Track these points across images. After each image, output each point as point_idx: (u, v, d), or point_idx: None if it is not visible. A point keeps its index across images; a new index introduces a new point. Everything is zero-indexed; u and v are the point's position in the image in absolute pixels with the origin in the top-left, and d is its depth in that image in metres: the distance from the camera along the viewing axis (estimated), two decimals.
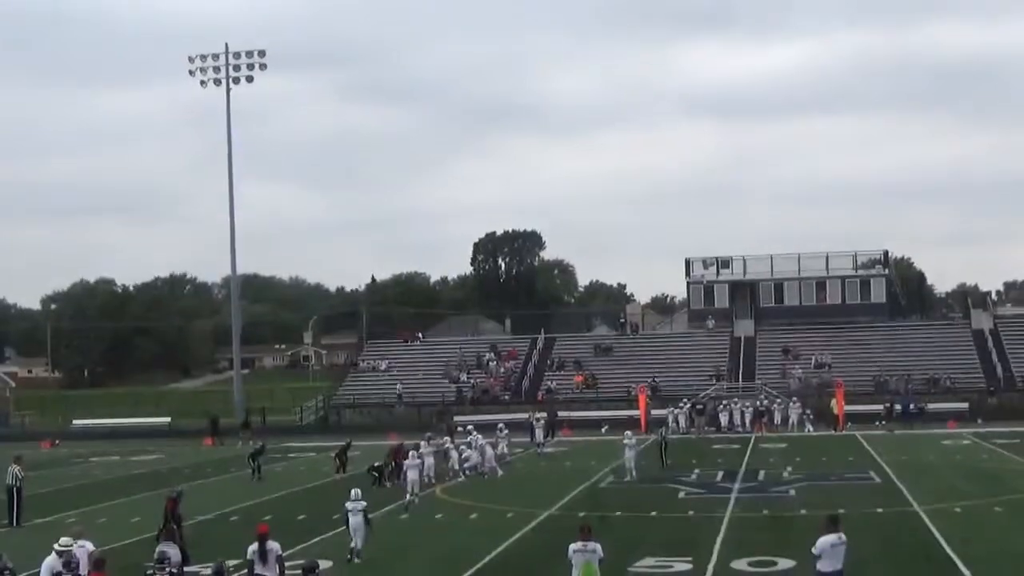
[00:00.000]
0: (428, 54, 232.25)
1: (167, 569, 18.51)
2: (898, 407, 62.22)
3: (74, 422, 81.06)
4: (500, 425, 47.60)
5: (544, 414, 61.40)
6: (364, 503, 25.47)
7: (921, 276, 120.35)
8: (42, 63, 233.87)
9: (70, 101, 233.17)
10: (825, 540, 17.68)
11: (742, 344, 76.06)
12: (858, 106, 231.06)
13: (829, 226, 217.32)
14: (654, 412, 60.67)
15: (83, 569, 18.89)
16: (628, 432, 42.16)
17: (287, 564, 19.35)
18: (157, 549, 19.76)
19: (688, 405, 62.72)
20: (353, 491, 26.18)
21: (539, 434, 52.21)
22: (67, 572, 18.03)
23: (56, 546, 18.09)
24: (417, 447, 37.49)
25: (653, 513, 30.96)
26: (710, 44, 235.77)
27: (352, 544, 24.75)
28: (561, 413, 65.15)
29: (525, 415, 62.00)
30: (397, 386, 74.91)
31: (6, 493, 32.51)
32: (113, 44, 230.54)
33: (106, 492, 39.19)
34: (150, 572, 18.85)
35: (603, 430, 60.53)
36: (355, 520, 24.99)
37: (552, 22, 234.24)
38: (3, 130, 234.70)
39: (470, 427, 46.32)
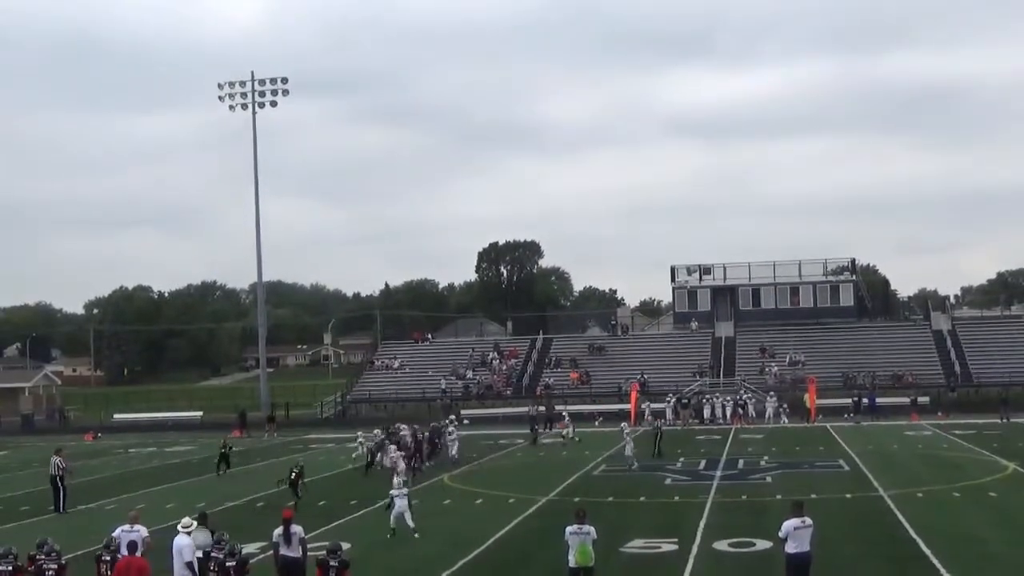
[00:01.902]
0: (434, 80, 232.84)
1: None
2: (865, 401, 62.13)
3: (114, 416, 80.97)
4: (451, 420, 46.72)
5: (542, 408, 61.50)
6: (406, 489, 26.23)
7: (885, 282, 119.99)
8: (88, 88, 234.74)
9: (113, 123, 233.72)
10: (789, 523, 17.67)
11: (723, 344, 76.08)
12: (827, 127, 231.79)
13: (801, 237, 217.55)
14: (653, 406, 60.56)
15: (138, 552, 18.89)
16: (624, 424, 42.20)
17: (309, 546, 19.37)
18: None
19: (674, 399, 62.70)
20: (396, 479, 27.14)
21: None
22: (107, 554, 18.00)
23: (180, 527, 18.12)
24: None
25: (642, 498, 30.96)
26: (694, 70, 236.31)
27: (398, 524, 25.34)
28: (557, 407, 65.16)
29: (525, 408, 62.13)
30: (442, 381, 74.92)
31: (50, 483, 32.46)
32: (151, 72, 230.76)
33: (144, 480, 39.17)
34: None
35: (596, 423, 60.64)
36: (401, 503, 25.62)
37: (548, 49, 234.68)
38: (51, 150, 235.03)
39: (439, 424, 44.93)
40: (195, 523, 18.40)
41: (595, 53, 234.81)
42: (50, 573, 17.07)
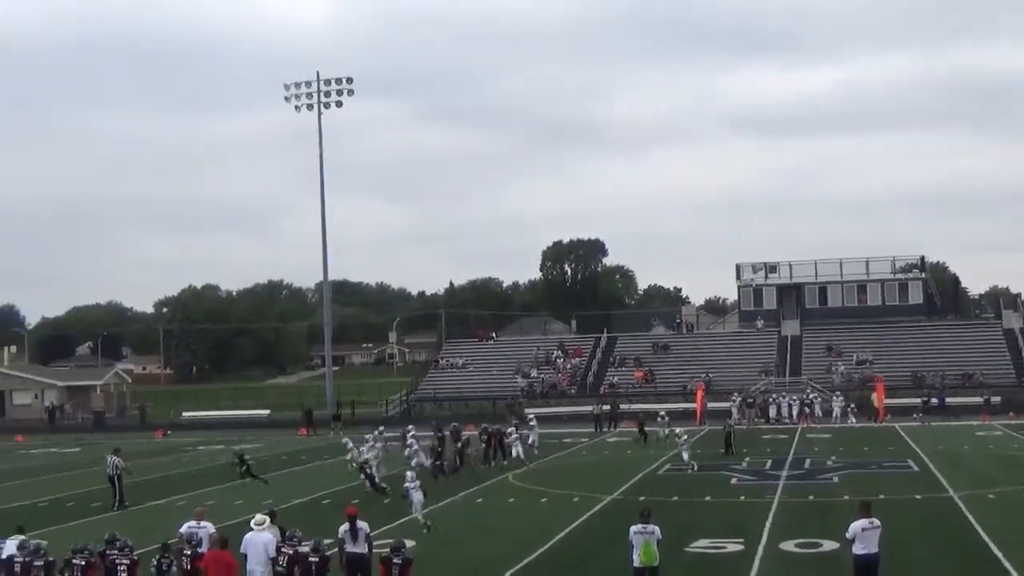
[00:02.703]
0: (500, 79, 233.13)
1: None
2: (934, 400, 61.35)
3: (183, 414, 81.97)
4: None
5: (607, 407, 61.39)
6: (419, 482, 27.49)
7: (956, 279, 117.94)
8: (159, 91, 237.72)
9: (183, 125, 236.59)
10: (857, 524, 17.49)
11: (788, 343, 75.50)
12: (896, 123, 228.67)
13: (869, 235, 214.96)
14: (714, 405, 60.29)
15: (204, 548, 19.12)
16: (678, 430, 41.72)
17: (375, 543, 19.49)
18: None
19: (739, 399, 62.31)
20: (409, 473, 27.95)
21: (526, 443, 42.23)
22: (188, 548, 18.23)
23: (252, 524, 18.30)
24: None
25: (707, 498, 30.80)
26: (762, 67, 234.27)
27: (420, 518, 25.96)
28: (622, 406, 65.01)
29: (589, 407, 62.11)
30: (520, 380, 75.04)
31: (108, 482, 32.73)
32: (220, 74, 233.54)
33: (212, 477, 39.56)
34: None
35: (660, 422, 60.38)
36: (417, 496, 26.68)
37: (614, 47, 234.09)
38: (123, 152, 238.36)
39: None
40: (268, 520, 18.56)
41: (661, 51, 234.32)
42: (123, 568, 17.33)
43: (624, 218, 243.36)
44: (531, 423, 44.91)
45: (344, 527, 18.98)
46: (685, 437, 39.68)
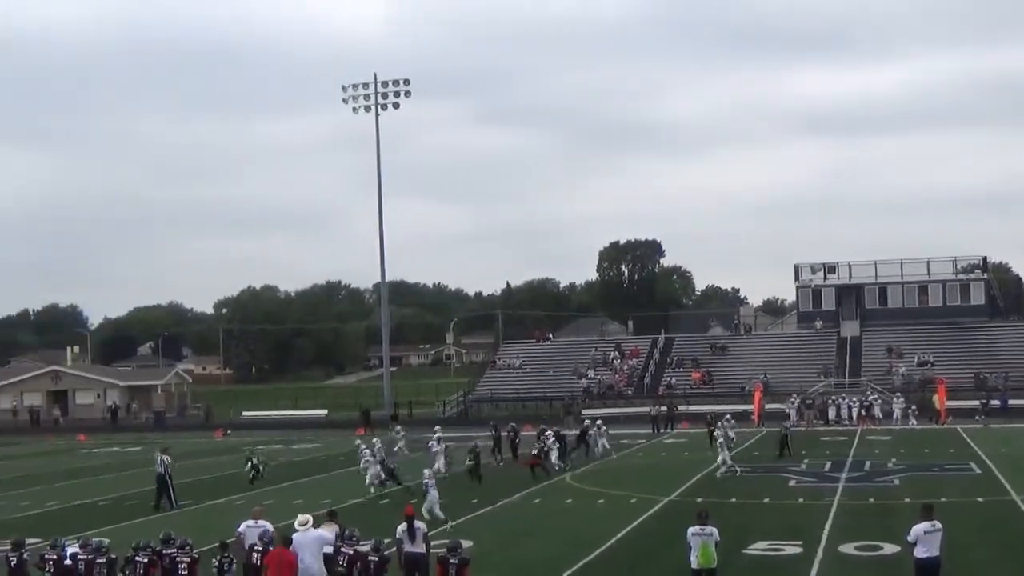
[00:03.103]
0: (556, 79, 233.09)
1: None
2: (995, 402, 60.52)
3: (243, 414, 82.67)
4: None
5: (664, 408, 61.16)
6: (434, 480, 27.68)
7: (1018, 280, 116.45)
8: (217, 94, 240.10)
9: (241, 127, 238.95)
10: (919, 527, 17.29)
11: (848, 344, 74.83)
12: (955, 122, 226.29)
13: (929, 235, 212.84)
14: (773, 406, 59.80)
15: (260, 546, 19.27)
16: (718, 432, 40.44)
17: (432, 543, 19.55)
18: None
19: (798, 400, 61.83)
20: (426, 471, 28.39)
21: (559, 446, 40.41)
22: (259, 544, 18.40)
23: (296, 524, 18.44)
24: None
25: (765, 500, 30.60)
26: (819, 67, 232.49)
27: (428, 516, 25.86)
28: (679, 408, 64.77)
29: (646, 408, 61.92)
30: (583, 381, 75.09)
31: (157, 481, 32.76)
32: (279, 76, 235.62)
33: (271, 477, 39.84)
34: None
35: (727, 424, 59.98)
36: (433, 493, 26.92)
37: (672, 47, 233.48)
38: (183, 154, 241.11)
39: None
40: (311, 520, 18.63)
41: (719, 50, 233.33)
42: (183, 566, 17.53)
43: (681, 218, 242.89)
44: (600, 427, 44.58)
45: (402, 527, 19.05)
46: (722, 440, 38.24)
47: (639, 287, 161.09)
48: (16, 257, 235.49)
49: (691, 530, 17.96)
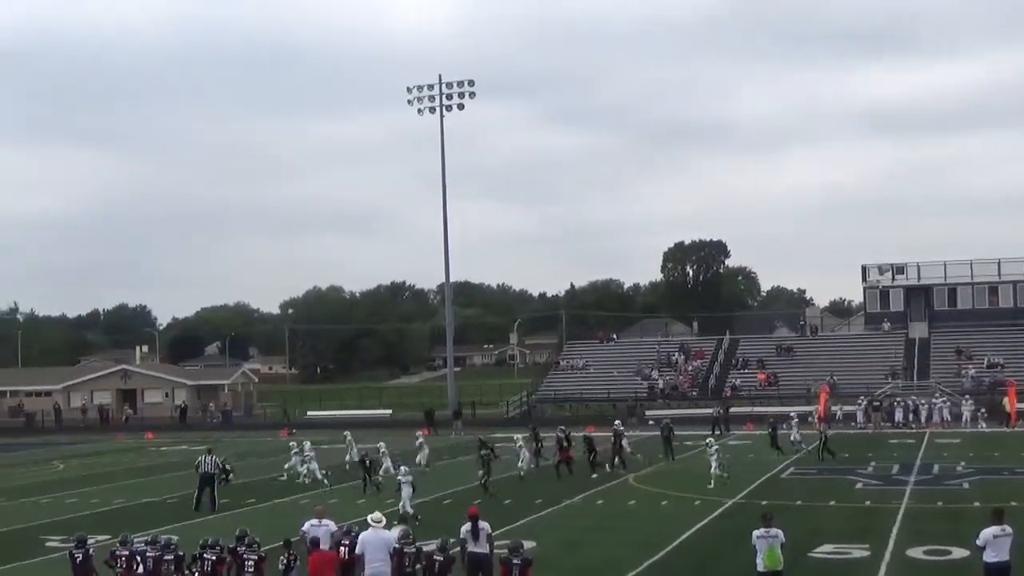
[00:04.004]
0: (621, 80, 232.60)
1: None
2: None
3: (308, 413, 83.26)
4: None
5: (721, 409, 60.77)
6: (411, 476, 28.76)
7: None
8: (282, 95, 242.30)
9: (307, 128, 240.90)
10: (988, 532, 17.04)
11: (916, 345, 73.89)
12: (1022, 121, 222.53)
13: (1000, 235, 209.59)
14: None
15: (324, 545, 19.44)
16: (709, 439, 39.02)
17: (496, 543, 19.59)
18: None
19: (865, 402, 61.18)
20: (402, 467, 29.40)
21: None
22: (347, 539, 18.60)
23: (370, 520, 18.56)
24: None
25: (831, 502, 30.33)
26: (886, 65, 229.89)
27: (402, 508, 27.57)
28: (742, 409, 64.41)
29: (710, 410, 61.55)
30: (646, 382, 74.94)
31: (203, 481, 32.67)
32: (343, 77, 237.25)
33: (335, 477, 40.09)
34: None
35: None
36: (407, 490, 28.07)
37: (737, 46, 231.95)
38: (249, 156, 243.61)
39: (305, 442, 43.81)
40: (384, 518, 18.77)
41: (784, 49, 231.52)
42: (250, 564, 17.72)
43: (746, 219, 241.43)
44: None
45: (466, 527, 19.09)
46: (716, 447, 36.83)
47: (704, 288, 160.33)
48: (87, 258, 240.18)
49: (756, 532, 17.85)
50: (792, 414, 48.94)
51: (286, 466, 40.34)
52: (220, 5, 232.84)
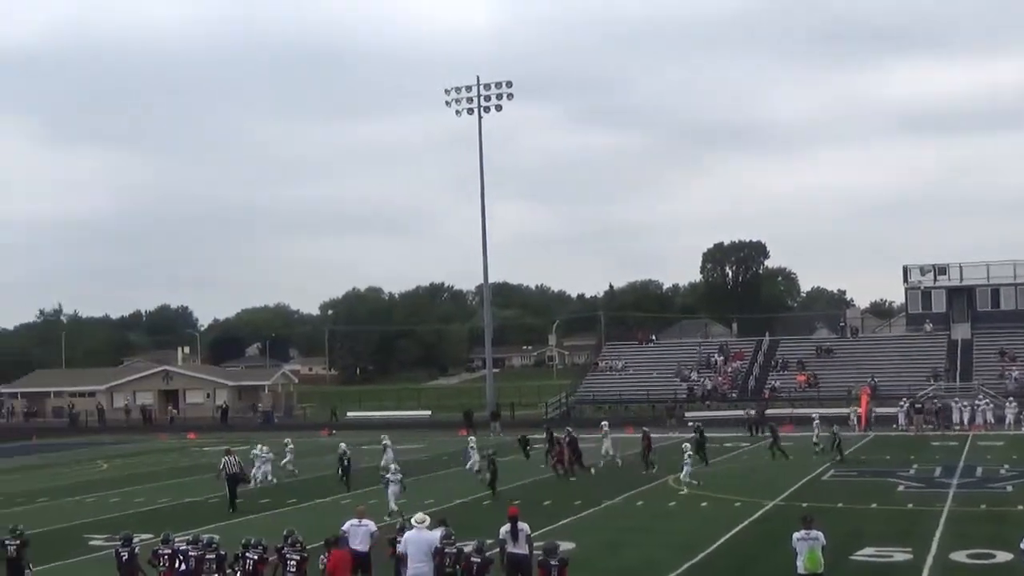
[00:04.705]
0: (654, 80, 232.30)
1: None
2: None
3: (347, 414, 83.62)
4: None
5: (753, 411, 60.43)
6: (401, 475, 29.99)
7: None
8: (322, 97, 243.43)
9: (347, 130, 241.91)
10: None
11: (959, 347, 73.21)
12: None
13: None
14: (881, 410, 58.78)
15: (364, 546, 19.50)
16: (685, 444, 37.94)
17: (535, 544, 19.57)
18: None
19: (907, 404, 60.70)
20: (392, 466, 30.29)
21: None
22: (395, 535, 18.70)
23: (413, 521, 18.58)
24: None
25: (873, 505, 30.10)
26: (925, 63, 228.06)
27: (394, 507, 28.50)
28: (782, 411, 64.07)
29: (742, 412, 61.35)
30: (690, 383, 74.83)
31: (228, 482, 33.02)
32: (383, 79, 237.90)
33: (375, 477, 40.23)
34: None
35: (836, 427, 59.18)
36: (395, 488, 29.25)
37: (773, 45, 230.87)
38: (289, 157, 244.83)
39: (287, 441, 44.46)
40: (428, 519, 18.79)
41: (821, 47, 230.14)
42: (292, 564, 17.80)
43: (786, 219, 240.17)
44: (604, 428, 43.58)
45: (505, 528, 19.08)
46: (690, 452, 36.16)
47: (743, 289, 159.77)
48: (129, 259, 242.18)
49: (796, 535, 17.77)
50: (814, 416, 48.59)
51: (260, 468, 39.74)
52: (257, 7, 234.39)
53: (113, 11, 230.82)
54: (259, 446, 41.11)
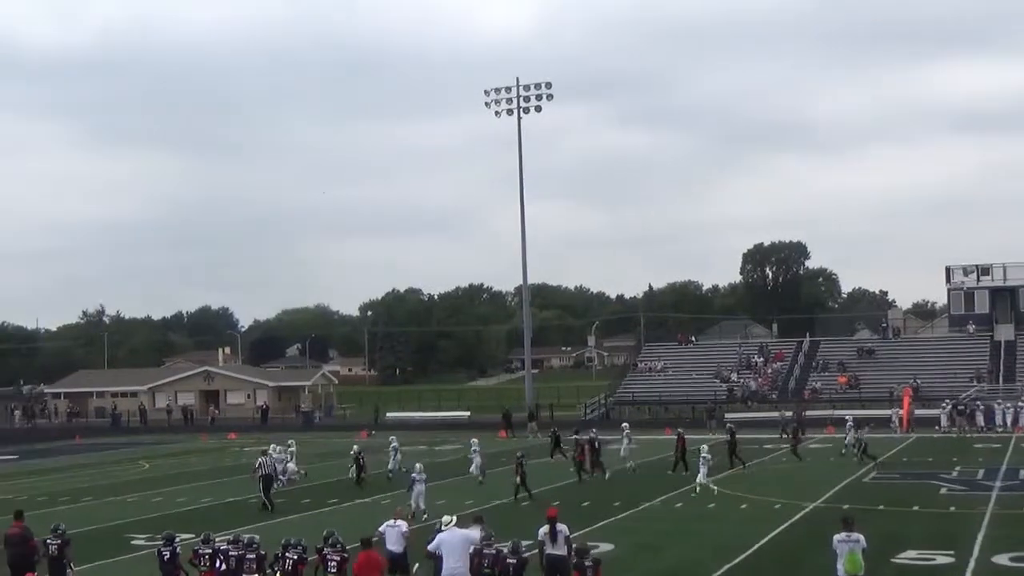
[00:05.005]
0: (698, 80, 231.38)
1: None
2: None
3: (387, 415, 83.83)
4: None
5: (789, 413, 60.07)
6: (425, 475, 30.03)
7: None
8: (363, 99, 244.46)
9: (385, 132, 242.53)
10: None
11: (1002, 348, 72.50)
12: None
13: None
14: (923, 412, 58.39)
15: (398, 546, 19.56)
16: (703, 446, 36.94)
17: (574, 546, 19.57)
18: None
19: (949, 406, 60.21)
20: (417, 464, 30.04)
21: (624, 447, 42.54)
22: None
23: (441, 523, 18.67)
24: None
25: (915, 507, 29.88)
26: (970, 62, 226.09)
27: (414, 506, 28.65)
28: (818, 413, 63.73)
29: (788, 412, 60.97)
30: (730, 384, 74.68)
31: (262, 482, 33.13)
32: (422, 81, 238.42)
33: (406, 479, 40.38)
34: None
35: (866, 428, 58.75)
36: (419, 488, 29.37)
37: (816, 45, 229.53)
38: (328, 159, 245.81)
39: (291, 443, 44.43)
40: (455, 520, 18.79)
41: (864, 47, 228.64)
42: (333, 564, 17.89)
43: (827, 220, 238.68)
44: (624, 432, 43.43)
45: (544, 529, 19.08)
46: (706, 455, 35.35)
47: (784, 289, 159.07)
48: (170, 260, 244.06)
49: (837, 537, 17.68)
50: (848, 418, 48.15)
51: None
52: (300, 10, 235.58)
53: (160, 16, 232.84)
54: (272, 446, 41.20)
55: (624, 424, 44.12)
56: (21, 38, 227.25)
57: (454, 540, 17.99)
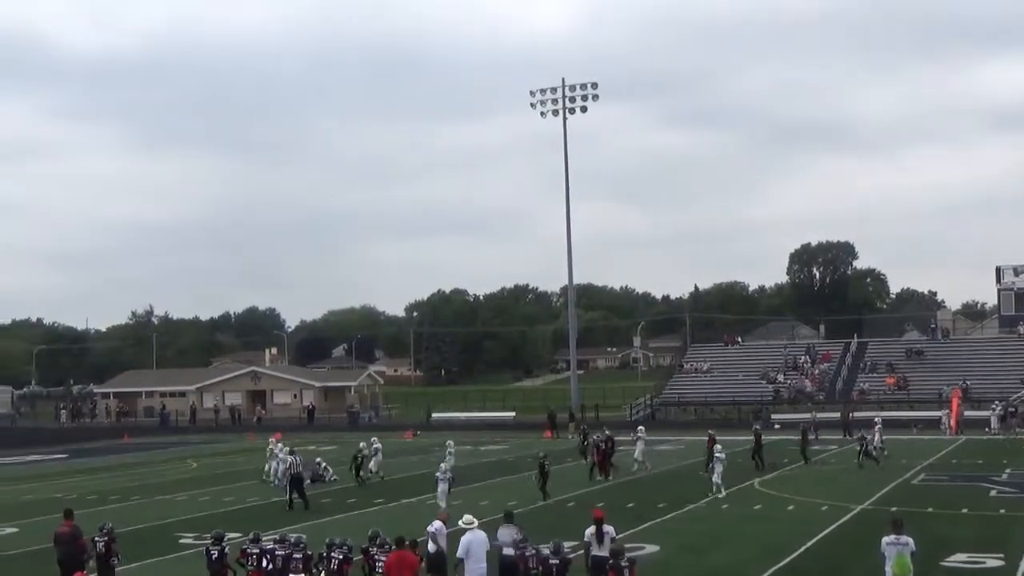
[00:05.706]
0: (744, 80, 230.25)
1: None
2: None
3: (433, 415, 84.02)
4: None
5: (809, 416, 59.63)
6: (451, 474, 30.76)
7: None
8: (407, 100, 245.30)
9: (432, 133, 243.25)
10: None
11: None
12: None
13: None
14: (972, 414, 57.77)
15: (443, 544, 19.62)
16: (717, 447, 35.79)
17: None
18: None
19: (999, 407, 59.58)
20: (442, 465, 30.66)
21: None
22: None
23: (462, 523, 18.71)
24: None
25: (964, 510, 29.59)
26: (1016, 59, 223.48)
27: (443, 504, 28.56)
28: (868, 413, 63.09)
29: (835, 413, 60.61)
30: (776, 385, 74.19)
31: (291, 482, 33.49)
32: (468, 82, 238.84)
33: (460, 477, 40.39)
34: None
35: (914, 429, 58.31)
36: (443, 487, 29.94)
37: (861, 44, 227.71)
38: (375, 161, 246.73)
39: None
40: (476, 521, 18.80)
41: (910, 46, 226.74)
42: (380, 564, 17.94)
43: (875, 219, 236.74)
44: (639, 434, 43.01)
45: (590, 530, 19.04)
46: (722, 455, 34.71)
47: (831, 290, 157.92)
48: (218, 262, 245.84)
49: (886, 540, 17.52)
50: (876, 420, 47.57)
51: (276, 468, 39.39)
52: (345, 13, 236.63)
53: (205, 20, 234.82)
54: (278, 444, 41.37)
55: (640, 428, 43.85)
56: (64, 44, 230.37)
57: (478, 541, 18.11)
